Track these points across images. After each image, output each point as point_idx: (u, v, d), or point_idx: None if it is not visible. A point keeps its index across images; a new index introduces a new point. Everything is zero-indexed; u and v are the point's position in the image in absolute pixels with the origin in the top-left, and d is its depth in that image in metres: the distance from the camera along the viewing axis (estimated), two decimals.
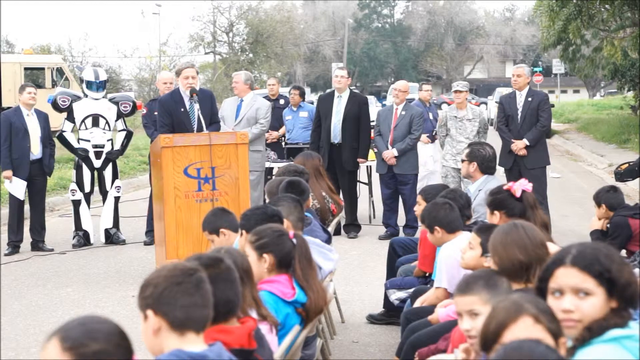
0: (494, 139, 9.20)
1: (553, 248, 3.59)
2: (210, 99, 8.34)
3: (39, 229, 9.44)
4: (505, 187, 4.71)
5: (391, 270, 6.31)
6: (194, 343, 2.43)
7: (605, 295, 2.41)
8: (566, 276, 2.45)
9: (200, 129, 7.91)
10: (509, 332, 2.30)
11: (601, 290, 2.40)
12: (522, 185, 4.65)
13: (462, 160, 6.54)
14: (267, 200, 5.63)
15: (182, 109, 8.08)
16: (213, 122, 8.22)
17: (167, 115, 8.08)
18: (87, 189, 9.58)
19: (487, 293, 2.94)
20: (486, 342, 2.32)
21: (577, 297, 2.42)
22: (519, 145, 9.05)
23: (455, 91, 9.70)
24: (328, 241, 5.42)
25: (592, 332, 2.40)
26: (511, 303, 2.35)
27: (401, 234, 9.43)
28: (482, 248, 3.89)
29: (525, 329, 2.28)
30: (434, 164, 11.26)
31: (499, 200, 4.67)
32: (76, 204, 9.54)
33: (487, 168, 6.39)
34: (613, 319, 2.40)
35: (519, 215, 4.55)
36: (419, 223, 9.27)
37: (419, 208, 5.52)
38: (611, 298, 2.41)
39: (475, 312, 2.94)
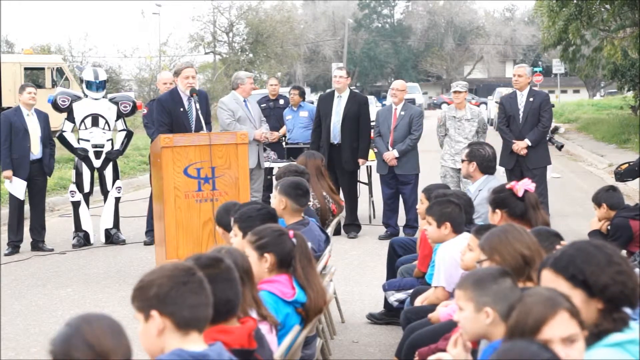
0: (494, 139, 9.21)
1: None
2: (205, 99, 8.39)
3: (39, 229, 9.44)
4: (507, 187, 4.70)
5: (391, 271, 6.30)
6: (195, 343, 2.43)
7: (584, 297, 2.42)
8: (546, 278, 2.51)
9: (199, 129, 7.93)
10: (548, 328, 2.30)
11: (577, 292, 2.42)
12: (524, 185, 4.64)
13: (462, 160, 6.54)
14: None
15: (182, 109, 8.11)
16: (206, 122, 8.23)
17: (167, 114, 8.10)
18: (87, 189, 9.57)
19: (473, 291, 2.95)
20: (522, 337, 2.31)
21: None
22: (521, 145, 9.05)
23: (455, 91, 9.69)
24: (326, 242, 5.42)
25: (585, 340, 2.39)
26: (546, 298, 2.34)
27: (401, 234, 9.43)
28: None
29: (563, 324, 2.29)
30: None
31: (500, 199, 4.66)
32: (76, 205, 9.54)
33: (486, 168, 6.38)
34: (604, 323, 2.39)
35: (520, 215, 4.55)
36: (419, 223, 9.31)
37: (422, 206, 5.50)
38: (592, 299, 2.41)
39: (460, 306, 2.99)
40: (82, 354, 2.15)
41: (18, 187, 9.24)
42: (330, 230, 6.45)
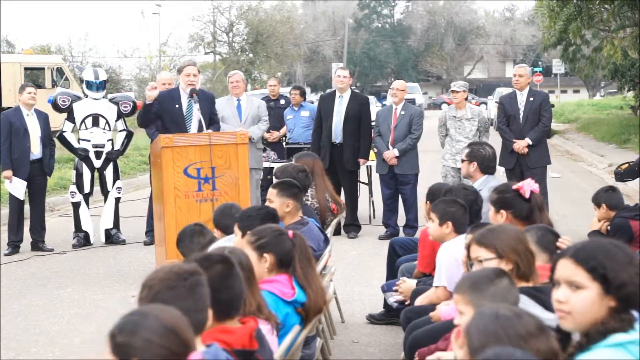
0: (494, 139, 9.21)
1: None
2: (211, 100, 8.42)
3: (39, 229, 9.43)
4: (514, 187, 4.65)
5: (391, 271, 6.29)
6: None
7: (600, 291, 2.40)
8: (563, 268, 2.48)
9: (200, 129, 7.93)
10: None
11: (595, 285, 2.40)
12: (530, 186, 4.60)
13: (462, 160, 6.53)
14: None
15: (177, 106, 8.13)
16: (213, 122, 8.28)
17: (159, 104, 8.16)
18: (87, 189, 9.57)
19: (470, 294, 2.95)
20: None
21: (570, 289, 2.44)
22: (522, 144, 9.06)
23: (452, 91, 9.70)
24: (326, 242, 5.42)
25: (589, 338, 2.39)
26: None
27: (401, 234, 9.43)
28: None
29: None
30: None
31: (506, 199, 4.60)
32: (76, 205, 9.53)
33: (487, 168, 6.38)
34: (611, 322, 2.38)
35: (526, 217, 4.50)
36: (419, 223, 9.31)
37: (427, 206, 5.49)
38: (607, 295, 2.41)
39: (460, 310, 2.98)
40: (165, 340, 2.08)
41: (18, 187, 9.24)
42: (330, 230, 6.46)
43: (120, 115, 9.71)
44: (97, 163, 9.56)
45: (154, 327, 2.09)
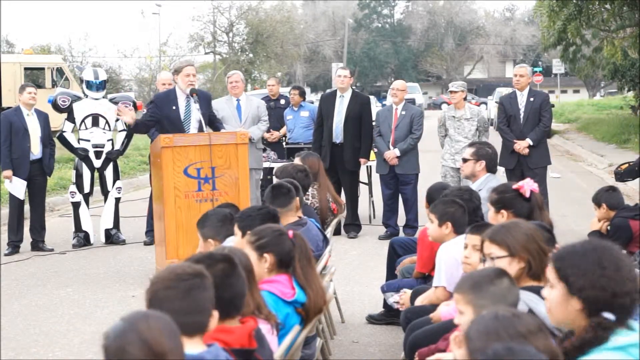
0: (494, 139, 9.21)
1: None
2: (208, 99, 8.40)
3: (39, 229, 9.43)
4: (514, 187, 4.66)
5: (391, 271, 6.29)
6: (191, 345, 2.43)
7: (566, 291, 2.49)
8: (548, 268, 2.63)
9: (200, 130, 7.92)
10: None
11: (561, 285, 2.52)
12: (530, 186, 4.61)
13: (465, 160, 6.51)
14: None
15: (174, 107, 8.08)
16: (213, 121, 8.28)
17: (157, 109, 8.12)
18: (87, 189, 9.57)
19: (471, 294, 2.96)
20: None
21: (549, 287, 2.60)
22: (522, 145, 9.07)
23: (451, 91, 9.71)
24: (325, 242, 5.42)
25: (584, 342, 2.41)
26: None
27: (401, 234, 9.43)
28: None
29: None
30: None
31: (506, 199, 4.61)
32: (76, 205, 9.53)
33: (492, 167, 6.41)
34: (589, 333, 2.42)
35: (526, 216, 4.51)
36: (419, 223, 9.31)
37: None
38: (572, 297, 2.47)
39: (460, 310, 2.98)
40: (138, 350, 2.11)
41: (18, 187, 9.24)
42: (330, 230, 6.46)
43: None
44: (97, 163, 9.56)
45: (130, 338, 2.12)
